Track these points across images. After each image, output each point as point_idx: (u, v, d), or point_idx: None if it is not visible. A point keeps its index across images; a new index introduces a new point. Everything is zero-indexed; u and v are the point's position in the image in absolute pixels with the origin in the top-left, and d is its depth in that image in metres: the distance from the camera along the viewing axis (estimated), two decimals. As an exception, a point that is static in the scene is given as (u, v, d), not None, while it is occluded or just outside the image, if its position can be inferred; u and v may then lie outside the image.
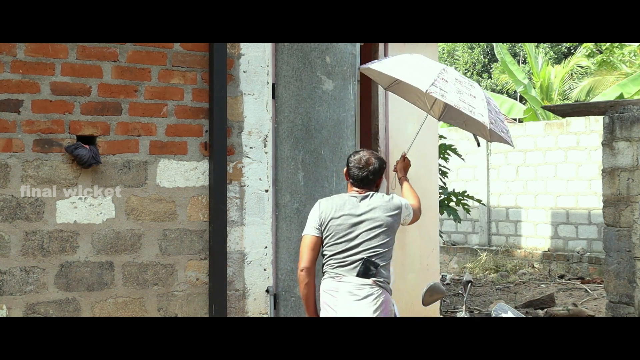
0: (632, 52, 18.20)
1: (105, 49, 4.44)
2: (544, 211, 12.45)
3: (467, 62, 27.54)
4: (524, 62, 24.18)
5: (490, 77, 26.58)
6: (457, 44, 27.45)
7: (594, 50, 19.83)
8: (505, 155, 13.02)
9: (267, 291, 4.90)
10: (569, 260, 11.75)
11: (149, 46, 4.56)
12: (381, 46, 5.57)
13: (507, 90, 24.13)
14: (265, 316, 4.87)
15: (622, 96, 13.90)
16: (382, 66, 4.80)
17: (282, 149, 5.06)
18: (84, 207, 4.38)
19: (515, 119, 19.64)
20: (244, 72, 4.86)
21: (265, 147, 4.92)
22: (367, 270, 3.74)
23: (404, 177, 4.47)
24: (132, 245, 4.49)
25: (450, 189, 9.13)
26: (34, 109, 4.26)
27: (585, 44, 19.67)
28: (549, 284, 10.53)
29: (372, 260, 3.76)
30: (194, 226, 4.66)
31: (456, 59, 28.32)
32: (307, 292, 3.86)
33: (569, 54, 23.85)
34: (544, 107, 7.81)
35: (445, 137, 9.34)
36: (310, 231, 3.87)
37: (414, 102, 5.10)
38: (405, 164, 4.60)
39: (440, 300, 3.72)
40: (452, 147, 8.37)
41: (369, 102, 5.88)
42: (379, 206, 3.85)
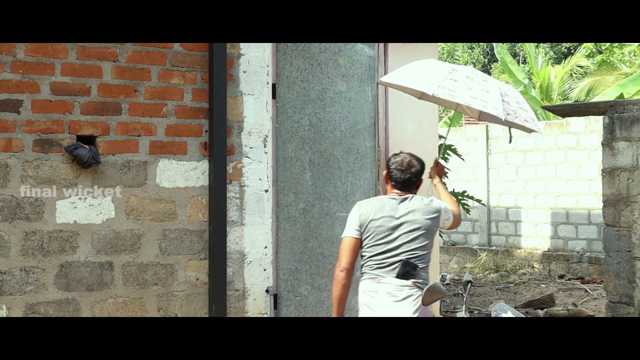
0: (632, 52, 18.19)
1: (105, 49, 4.44)
2: (543, 211, 12.45)
3: (467, 62, 27.54)
4: (524, 62, 24.18)
5: (490, 77, 26.53)
6: (457, 44, 27.44)
7: (594, 50, 19.82)
8: (505, 155, 13.01)
9: (266, 291, 4.90)
10: (568, 260, 11.75)
11: (149, 46, 4.56)
12: (381, 46, 5.56)
13: (507, 90, 24.07)
14: (265, 316, 4.86)
15: (622, 96, 13.90)
16: (393, 77, 4.76)
17: (285, 149, 5.08)
18: (84, 207, 4.38)
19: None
20: (244, 72, 4.86)
21: (265, 147, 4.92)
22: (407, 271, 3.76)
23: (439, 183, 4.41)
24: (132, 245, 4.49)
25: (450, 189, 9.11)
26: (34, 109, 4.26)
27: (585, 44, 19.66)
28: (549, 284, 10.52)
29: (412, 262, 3.78)
30: (193, 226, 4.66)
31: (456, 59, 28.32)
32: (342, 293, 3.86)
33: (568, 54, 23.85)
34: (544, 107, 7.80)
35: (445, 137, 9.34)
36: (350, 233, 3.89)
37: (454, 108, 5.05)
38: (438, 169, 4.49)
39: (440, 300, 3.71)
40: (452, 147, 8.36)
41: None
42: (418, 209, 3.86)
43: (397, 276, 3.76)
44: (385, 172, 4.03)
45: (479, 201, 9.34)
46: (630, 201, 5.92)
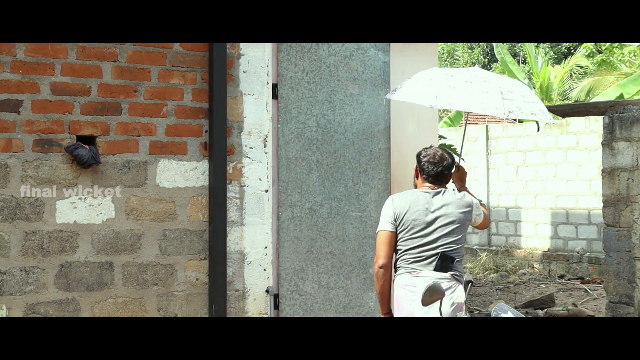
0: (631, 52, 18.20)
1: (105, 49, 4.44)
2: (543, 211, 12.45)
3: (467, 62, 27.55)
4: (524, 62, 24.19)
5: (490, 77, 26.53)
6: (457, 44, 27.45)
7: (594, 50, 19.83)
8: (505, 155, 13.02)
9: (267, 291, 4.90)
10: (568, 260, 11.75)
11: (149, 46, 4.56)
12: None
13: (506, 90, 24.08)
14: (265, 316, 4.87)
15: (621, 96, 13.90)
16: (399, 94, 4.71)
17: (289, 150, 5.10)
18: (84, 207, 4.38)
19: (514, 119, 19.66)
20: (244, 72, 4.86)
21: (265, 147, 4.92)
22: (445, 264, 3.78)
23: (462, 187, 4.38)
24: (132, 245, 4.49)
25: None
26: (34, 109, 4.26)
27: (585, 44, 19.67)
28: (549, 284, 10.52)
29: (449, 254, 3.80)
30: (193, 226, 4.66)
31: (456, 59, 28.33)
32: (385, 289, 3.87)
33: (568, 54, 23.85)
34: (544, 107, 7.79)
35: (445, 137, 9.34)
36: (385, 227, 3.88)
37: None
38: (461, 174, 4.44)
39: (440, 300, 3.71)
40: (452, 147, 8.36)
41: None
42: (452, 202, 3.89)
43: (435, 269, 3.78)
44: (415, 166, 4.02)
45: (480, 202, 9.35)
46: (630, 201, 5.92)
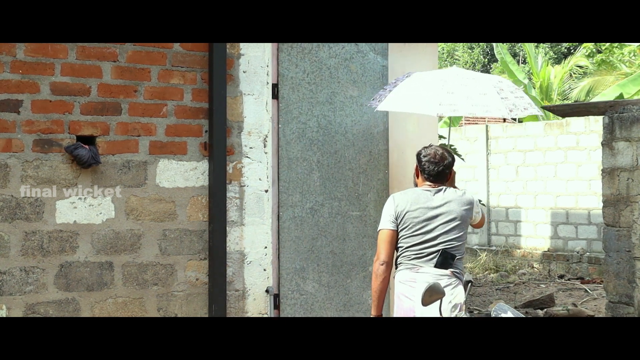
0: (631, 52, 18.19)
1: (105, 49, 4.44)
2: (543, 211, 12.45)
3: (467, 62, 27.56)
4: (524, 62, 24.18)
5: (489, 77, 26.54)
6: (457, 44, 27.45)
7: (594, 50, 19.82)
8: (505, 155, 13.01)
9: (266, 291, 4.90)
10: (568, 260, 11.74)
11: (149, 46, 4.56)
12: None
13: (506, 90, 24.09)
14: (265, 316, 4.87)
15: (621, 96, 13.89)
16: (390, 104, 4.75)
17: (291, 150, 5.12)
18: (84, 207, 4.37)
19: (514, 119, 19.63)
20: (244, 72, 4.86)
21: (265, 147, 4.92)
22: (445, 261, 3.80)
23: (452, 187, 4.38)
24: (131, 245, 4.49)
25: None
26: (34, 109, 4.26)
27: (585, 44, 19.66)
28: (549, 284, 10.52)
29: (450, 252, 3.82)
30: (193, 226, 4.66)
31: (456, 59, 28.33)
32: (383, 287, 3.87)
33: (568, 54, 23.85)
34: (544, 107, 7.80)
35: (445, 137, 9.33)
36: (386, 225, 3.90)
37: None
38: (451, 176, 4.34)
39: (440, 300, 3.71)
40: (452, 147, 8.36)
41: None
42: (453, 199, 3.91)
43: (436, 266, 3.80)
44: (416, 165, 4.04)
45: (479, 201, 9.35)
46: (630, 201, 5.92)
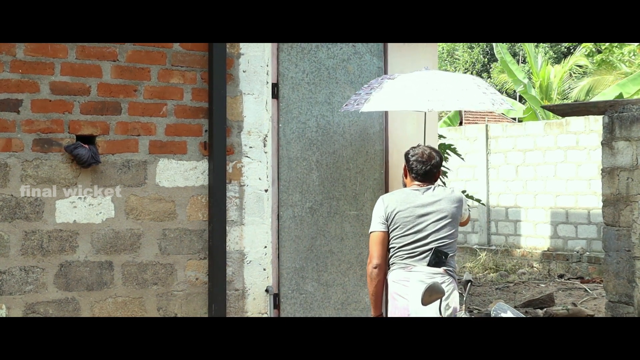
0: (631, 52, 18.19)
1: (104, 48, 4.44)
2: (543, 211, 12.45)
3: (467, 62, 27.56)
4: (524, 61, 24.18)
5: (489, 77, 26.60)
6: (457, 44, 27.45)
7: (594, 49, 19.83)
8: (504, 154, 13.01)
9: (266, 291, 4.90)
10: (568, 259, 11.75)
11: (149, 46, 4.56)
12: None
13: (506, 89, 24.15)
14: (264, 316, 4.87)
15: (621, 96, 13.90)
16: (375, 105, 4.75)
17: (291, 149, 5.13)
18: (84, 207, 4.37)
19: (514, 119, 19.65)
20: (244, 71, 4.86)
21: (265, 146, 4.92)
22: (438, 259, 3.80)
23: None
24: (131, 244, 4.49)
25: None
26: (34, 108, 4.26)
27: (584, 44, 19.66)
28: (549, 284, 10.52)
29: (442, 250, 3.81)
30: (193, 226, 4.66)
31: (456, 59, 28.34)
32: (378, 289, 3.88)
33: (568, 54, 23.86)
34: (544, 107, 7.80)
35: (444, 137, 9.34)
36: (377, 227, 3.89)
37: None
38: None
39: (439, 300, 3.71)
40: (452, 147, 8.36)
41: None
42: (443, 197, 3.90)
43: (429, 264, 3.79)
44: (404, 165, 4.04)
45: (478, 201, 9.35)
46: (629, 201, 5.92)
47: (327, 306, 5.22)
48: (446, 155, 8.42)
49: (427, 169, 3.94)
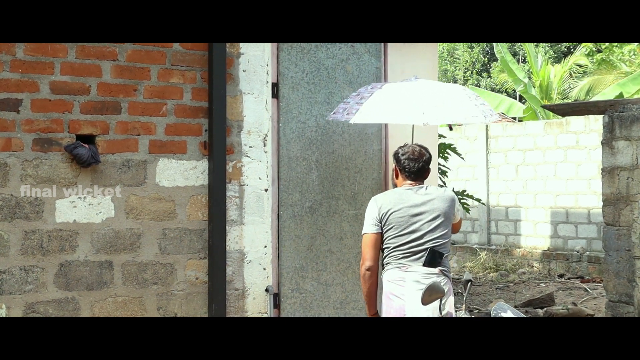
0: (631, 52, 18.19)
1: (104, 48, 4.44)
2: (543, 210, 12.45)
3: (467, 61, 27.56)
4: (524, 61, 24.17)
5: (489, 77, 26.60)
6: (457, 44, 27.44)
7: (594, 49, 19.82)
8: (504, 154, 13.01)
9: (266, 290, 4.90)
10: (568, 259, 11.75)
11: (148, 45, 4.56)
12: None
13: (506, 89, 24.14)
14: (264, 316, 4.87)
15: (621, 95, 13.90)
16: (366, 116, 4.67)
17: (291, 149, 5.14)
18: (84, 207, 4.37)
19: (514, 118, 19.64)
20: (244, 71, 4.86)
21: (265, 146, 4.92)
22: (434, 259, 3.79)
23: None
24: (131, 244, 4.49)
25: (449, 188, 9.11)
26: (34, 108, 4.26)
27: (584, 43, 19.65)
28: (549, 283, 10.52)
29: (437, 250, 3.81)
30: (193, 225, 4.66)
31: (456, 59, 28.34)
32: (372, 290, 3.87)
33: (568, 53, 23.85)
34: (544, 106, 7.81)
35: (444, 137, 9.33)
36: (370, 229, 3.87)
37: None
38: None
39: (439, 299, 3.71)
40: (452, 147, 8.36)
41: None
42: (437, 197, 3.89)
43: (424, 264, 3.78)
44: (394, 166, 4.02)
45: (478, 200, 9.34)
46: (630, 200, 5.92)
47: (326, 305, 5.23)
48: (446, 154, 8.42)
49: (419, 166, 3.93)
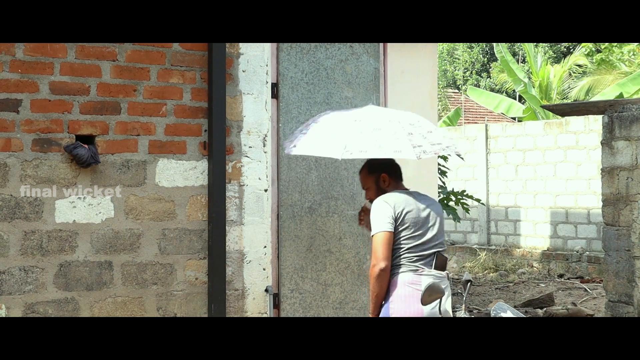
0: (631, 52, 18.19)
1: (104, 48, 4.44)
2: (543, 210, 12.45)
3: (467, 61, 27.57)
4: (523, 61, 24.18)
5: (489, 77, 26.62)
6: (457, 44, 27.46)
7: (593, 49, 19.82)
8: (504, 154, 13.02)
9: (266, 290, 4.90)
10: (568, 259, 11.75)
11: (148, 45, 4.55)
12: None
13: (506, 89, 24.16)
14: (264, 316, 4.87)
15: (621, 95, 13.90)
16: (301, 149, 4.19)
17: None
18: (83, 207, 4.37)
19: (514, 118, 19.65)
20: (243, 71, 4.86)
21: (264, 146, 4.92)
22: (442, 263, 3.81)
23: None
24: (131, 244, 4.49)
25: (449, 188, 9.12)
26: (33, 108, 4.26)
27: (584, 43, 19.66)
28: (548, 283, 10.53)
29: (443, 253, 3.83)
30: (193, 226, 4.66)
31: (456, 59, 28.35)
32: (383, 291, 3.81)
33: (568, 53, 23.85)
34: (543, 107, 7.81)
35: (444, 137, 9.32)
36: (385, 227, 3.76)
37: None
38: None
39: (439, 299, 3.71)
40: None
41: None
42: (433, 202, 3.91)
43: (436, 267, 3.79)
44: (382, 175, 3.92)
45: (478, 200, 9.35)
46: (629, 200, 5.92)
47: (325, 305, 5.22)
48: (446, 154, 8.42)
49: (399, 167, 3.96)
